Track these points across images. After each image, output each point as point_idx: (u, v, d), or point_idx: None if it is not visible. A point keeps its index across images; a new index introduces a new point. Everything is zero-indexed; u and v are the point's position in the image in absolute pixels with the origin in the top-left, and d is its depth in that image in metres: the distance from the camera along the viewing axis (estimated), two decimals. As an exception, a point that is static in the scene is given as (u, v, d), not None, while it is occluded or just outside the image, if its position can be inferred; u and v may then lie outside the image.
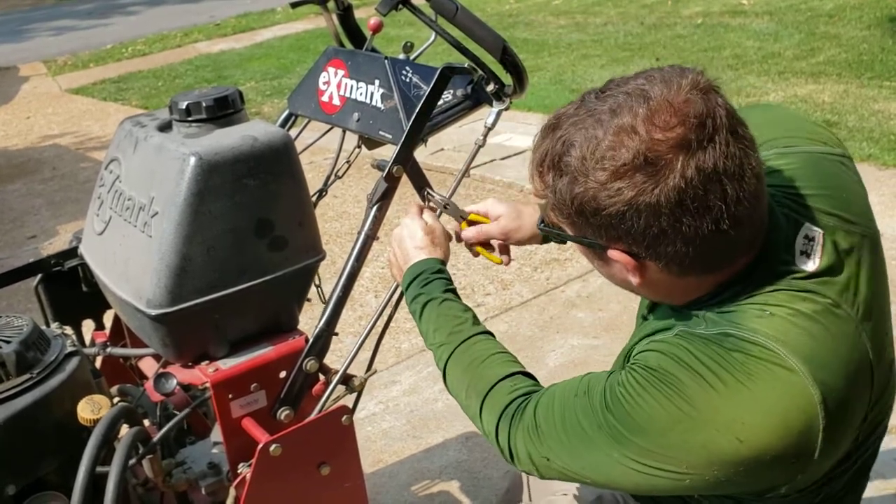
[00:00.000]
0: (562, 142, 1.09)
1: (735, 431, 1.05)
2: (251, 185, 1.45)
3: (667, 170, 1.02)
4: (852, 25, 7.61)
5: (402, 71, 1.65)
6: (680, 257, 1.08)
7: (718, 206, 1.04)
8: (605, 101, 1.08)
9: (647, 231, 1.06)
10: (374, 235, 1.58)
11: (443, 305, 1.42)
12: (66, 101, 8.73)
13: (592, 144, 1.06)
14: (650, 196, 1.03)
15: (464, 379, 1.35)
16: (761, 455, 1.06)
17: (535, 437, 1.22)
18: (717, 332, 1.10)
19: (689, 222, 1.04)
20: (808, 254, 1.14)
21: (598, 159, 1.05)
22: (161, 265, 1.42)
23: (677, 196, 1.02)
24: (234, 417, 1.49)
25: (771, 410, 1.06)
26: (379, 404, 3.03)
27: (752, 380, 1.06)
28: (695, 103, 1.04)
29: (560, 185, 1.09)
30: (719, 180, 1.03)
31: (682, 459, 1.08)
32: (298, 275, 1.54)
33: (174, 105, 1.54)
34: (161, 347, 1.51)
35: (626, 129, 1.04)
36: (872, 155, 4.73)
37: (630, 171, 1.03)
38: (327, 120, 1.79)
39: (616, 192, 1.04)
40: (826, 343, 1.10)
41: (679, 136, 1.02)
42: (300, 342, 1.54)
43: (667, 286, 1.16)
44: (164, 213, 1.42)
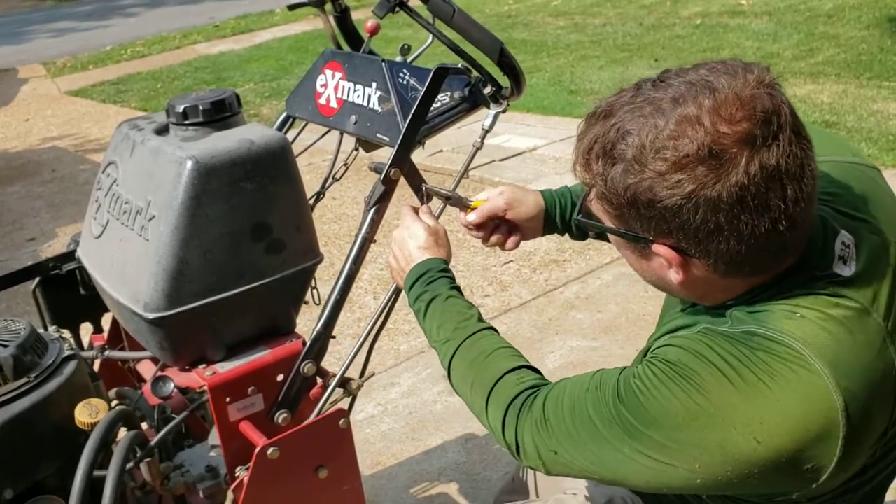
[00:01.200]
0: (616, 129, 1.06)
1: (753, 432, 1.03)
2: (248, 189, 1.45)
3: (731, 164, 1.00)
4: (851, 26, 7.61)
5: (400, 73, 1.65)
6: (730, 256, 1.06)
7: (778, 206, 1.02)
8: (665, 90, 1.05)
9: (702, 226, 1.03)
10: (371, 238, 1.58)
11: (447, 302, 1.41)
12: (65, 103, 8.73)
13: (653, 133, 1.03)
14: (711, 190, 1.00)
15: (469, 374, 1.33)
16: (777, 459, 1.04)
17: (543, 431, 1.19)
18: (743, 331, 1.08)
19: (746, 220, 1.02)
20: (845, 259, 1.13)
21: (657, 149, 1.02)
22: (158, 269, 1.42)
23: (739, 192, 1.00)
24: (231, 421, 1.48)
25: (792, 413, 1.03)
26: (378, 406, 3.03)
27: (774, 380, 1.04)
28: (762, 98, 1.01)
29: (612, 174, 1.06)
30: (780, 179, 1.01)
31: (697, 457, 1.06)
32: (296, 278, 1.54)
33: (171, 108, 1.53)
34: (158, 351, 1.51)
35: (691, 119, 1.01)
36: (871, 155, 4.73)
37: (693, 162, 1.01)
38: (325, 122, 1.79)
39: (676, 183, 1.02)
40: (853, 351, 1.08)
41: (745, 131, 1.00)
42: (297, 345, 1.54)
43: (706, 286, 1.13)
44: (162, 217, 1.42)
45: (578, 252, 4.05)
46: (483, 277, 3.91)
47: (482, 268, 3.98)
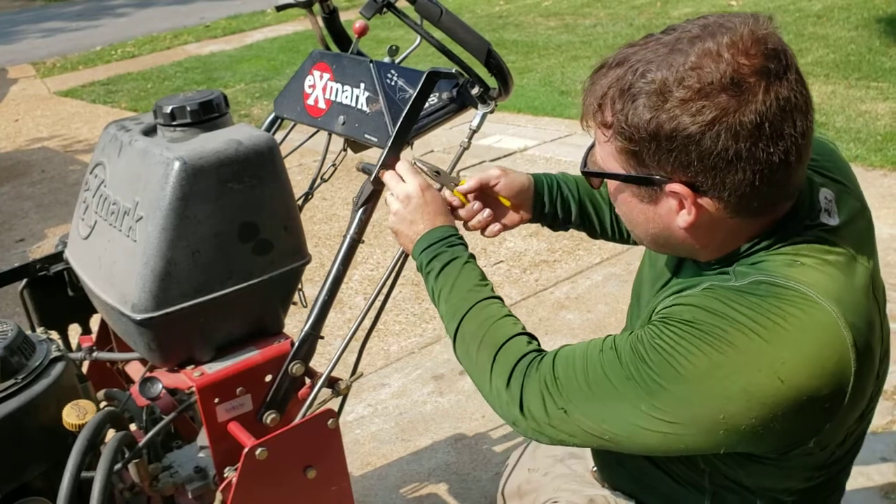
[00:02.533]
0: (633, 70, 1.10)
1: (777, 371, 1.06)
2: (236, 189, 1.45)
3: (750, 94, 1.05)
4: (840, 26, 7.65)
5: (388, 74, 1.65)
6: (743, 188, 1.10)
7: (790, 136, 1.08)
8: (679, 34, 1.11)
9: (722, 154, 1.07)
10: (359, 238, 1.58)
11: (466, 266, 1.41)
12: (54, 104, 8.70)
13: (674, 67, 1.07)
14: (732, 117, 1.06)
15: (479, 332, 1.32)
16: (799, 396, 1.07)
17: (553, 388, 1.20)
18: (749, 283, 1.13)
19: (763, 147, 1.07)
20: (829, 212, 1.20)
21: (680, 79, 1.07)
22: (146, 270, 1.42)
23: (758, 119, 1.06)
24: (219, 421, 1.48)
25: (810, 351, 1.08)
26: (367, 407, 3.03)
27: (788, 322, 1.08)
28: (773, 37, 1.09)
29: (633, 110, 1.10)
30: (791, 111, 1.07)
31: (721, 407, 1.08)
32: (284, 278, 1.54)
33: (159, 109, 1.53)
34: (147, 352, 1.51)
35: (711, 52, 1.06)
36: (860, 156, 4.76)
37: (716, 90, 1.05)
38: (313, 123, 1.79)
39: (699, 110, 1.06)
40: (851, 291, 1.14)
41: (761, 64, 1.06)
42: (286, 346, 1.54)
43: (711, 231, 1.17)
44: (149, 218, 1.42)
45: (568, 252, 4.06)
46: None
47: (472, 268, 3.98)
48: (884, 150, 4.78)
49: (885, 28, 7.30)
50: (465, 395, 3.03)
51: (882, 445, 2.55)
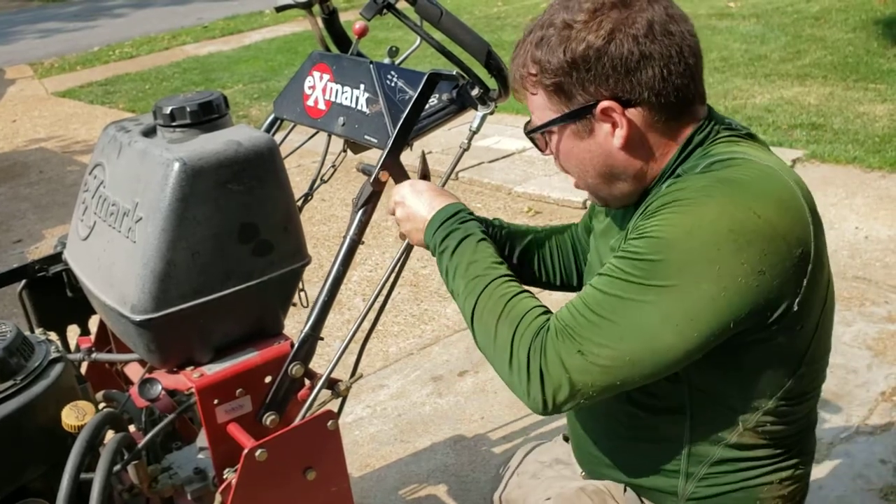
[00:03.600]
0: (541, 26, 1.31)
1: (751, 207, 1.19)
2: (236, 190, 1.45)
3: (636, 5, 1.27)
4: (838, 28, 7.66)
5: (388, 75, 1.65)
6: (656, 83, 1.27)
7: (679, 33, 1.27)
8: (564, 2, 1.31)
9: (628, 57, 1.25)
10: (359, 239, 1.58)
11: (481, 244, 1.42)
12: (52, 104, 8.69)
13: (571, 7, 1.28)
14: (629, 27, 1.25)
15: (498, 307, 1.33)
16: (775, 232, 1.19)
17: (564, 337, 1.24)
18: (703, 166, 1.27)
19: (660, 43, 1.26)
20: (738, 125, 1.38)
21: (576, 11, 1.27)
22: (145, 271, 1.41)
23: (648, 24, 1.25)
24: (219, 423, 1.48)
25: (772, 192, 1.22)
26: (366, 408, 3.03)
27: (747, 174, 1.23)
28: None
29: (549, 52, 1.28)
30: (673, 17, 1.28)
31: (714, 258, 1.17)
32: (283, 279, 1.54)
33: (158, 110, 1.53)
34: (146, 353, 1.50)
35: None
36: (858, 157, 4.76)
37: (607, 8, 1.26)
38: (312, 124, 1.79)
39: (599, 25, 1.25)
40: (781, 163, 1.31)
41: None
42: (285, 347, 1.54)
43: (644, 143, 1.32)
44: (149, 219, 1.42)
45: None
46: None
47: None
48: (882, 152, 4.79)
49: (883, 30, 7.31)
50: (463, 397, 3.03)
51: (880, 447, 2.56)
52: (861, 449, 2.55)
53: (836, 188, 4.45)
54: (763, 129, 5.35)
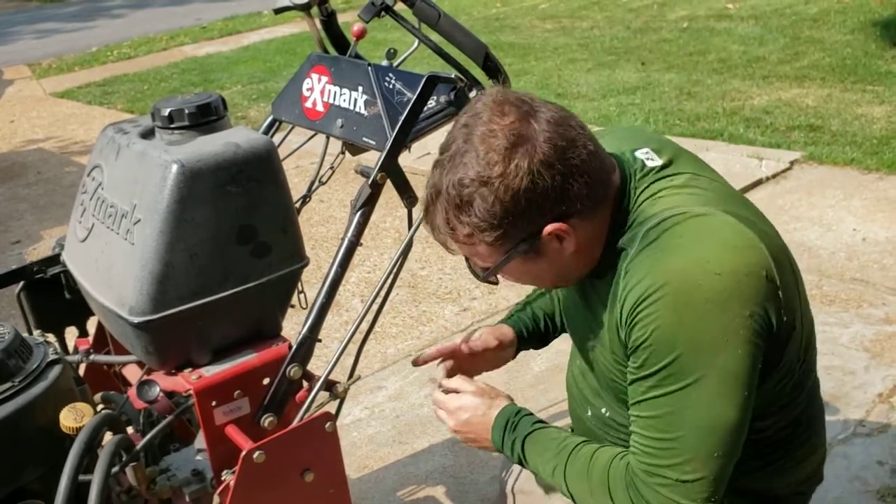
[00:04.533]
0: (449, 191, 1.29)
1: (707, 269, 1.23)
2: (234, 192, 1.45)
3: (530, 134, 1.26)
4: (836, 30, 7.66)
5: (386, 77, 1.65)
6: (582, 189, 1.29)
7: (578, 134, 1.29)
8: (454, 147, 1.30)
9: (554, 184, 1.26)
10: (357, 241, 1.58)
11: (537, 435, 1.46)
12: (50, 105, 8.68)
13: (472, 163, 1.27)
14: (540, 156, 1.25)
15: (584, 485, 1.40)
16: (738, 275, 1.23)
17: (655, 476, 1.29)
18: (640, 244, 1.30)
19: (571, 156, 1.27)
20: (650, 158, 1.41)
21: (485, 165, 1.26)
22: (143, 272, 1.42)
23: (551, 145, 1.26)
24: (217, 424, 1.48)
25: (712, 242, 1.26)
26: (365, 410, 3.03)
27: (685, 236, 1.27)
28: (503, 96, 1.31)
29: (476, 210, 1.28)
30: (563, 123, 1.29)
31: (711, 331, 1.23)
32: (282, 281, 1.54)
33: (156, 112, 1.53)
34: (144, 355, 1.50)
35: (485, 136, 1.27)
36: (855, 159, 4.77)
37: (511, 149, 1.25)
38: (311, 126, 1.79)
39: (515, 168, 1.25)
40: (708, 195, 1.35)
41: (518, 114, 1.27)
42: (283, 349, 1.54)
43: (590, 239, 1.36)
44: (147, 221, 1.42)
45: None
46: (471, 280, 3.90)
47: (469, 270, 3.98)
48: (879, 154, 4.79)
49: (881, 32, 7.31)
50: (461, 398, 3.03)
51: (878, 448, 2.56)
52: (858, 450, 2.55)
53: (833, 190, 4.46)
54: (761, 131, 5.35)
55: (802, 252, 3.83)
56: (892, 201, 4.25)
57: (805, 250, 3.85)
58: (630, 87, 6.65)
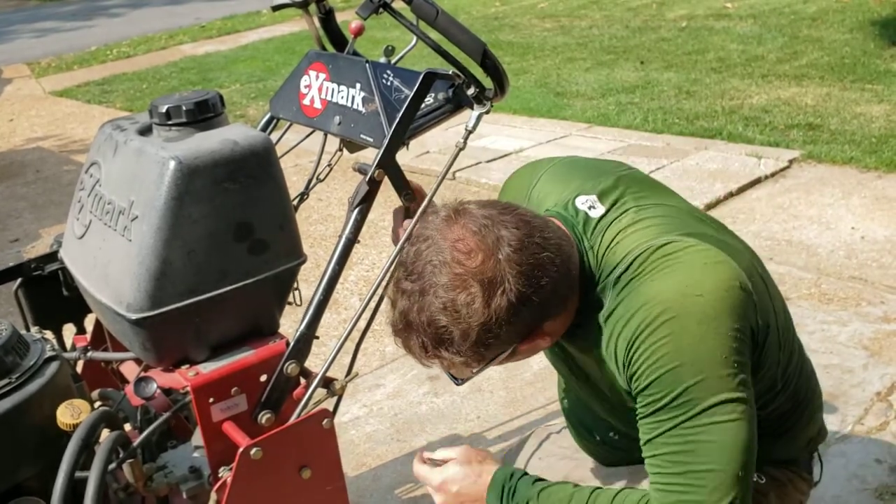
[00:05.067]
0: (425, 325, 1.28)
1: (687, 293, 1.25)
2: (231, 189, 1.45)
3: (501, 274, 1.24)
4: (835, 29, 7.66)
5: (384, 74, 1.65)
6: (558, 300, 1.32)
7: (544, 251, 1.28)
8: (421, 290, 1.28)
9: (531, 308, 1.27)
10: (355, 238, 1.58)
11: (544, 495, 1.41)
12: (49, 104, 8.68)
13: (448, 308, 1.25)
14: (512, 293, 1.25)
15: None
16: (717, 293, 1.26)
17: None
18: (616, 291, 1.32)
19: (543, 278, 1.27)
20: (593, 206, 1.42)
21: (461, 314, 1.25)
22: (141, 269, 1.42)
23: (523, 279, 1.25)
24: (214, 421, 1.48)
25: (686, 267, 1.28)
26: (363, 408, 3.03)
27: (656, 269, 1.29)
28: (461, 226, 1.28)
29: (456, 346, 1.28)
30: (528, 244, 1.27)
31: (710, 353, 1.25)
32: (279, 278, 1.54)
33: (154, 109, 1.53)
34: (141, 351, 1.50)
35: (455, 282, 1.25)
36: (854, 158, 4.77)
37: (486, 297, 1.24)
38: (308, 123, 1.79)
39: (493, 311, 1.25)
40: (659, 222, 1.37)
41: (484, 252, 1.25)
42: (281, 346, 1.54)
43: (565, 320, 1.38)
44: (144, 217, 1.42)
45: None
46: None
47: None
48: (878, 152, 4.79)
49: (880, 31, 7.31)
50: (460, 396, 3.03)
51: (876, 447, 2.56)
52: (856, 449, 2.55)
53: (832, 188, 4.46)
54: (760, 130, 5.35)
55: (801, 251, 3.83)
56: (891, 200, 4.25)
57: (804, 249, 3.85)
58: (629, 86, 6.66)
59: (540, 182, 1.57)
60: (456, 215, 1.31)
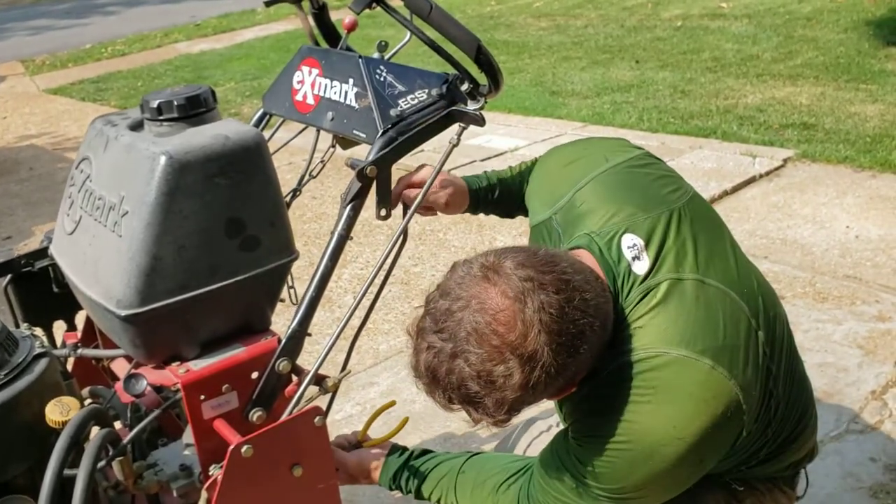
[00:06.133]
0: (458, 388, 1.23)
1: (674, 435, 1.25)
2: (222, 185, 1.44)
3: (538, 349, 1.19)
4: (829, 29, 7.66)
5: (377, 70, 1.64)
6: (593, 360, 1.28)
7: (582, 314, 1.22)
8: (451, 354, 1.23)
9: (568, 374, 1.25)
10: (347, 234, 1.57)
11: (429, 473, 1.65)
12: (43, 101, 8.65)
13: (483, 381, 1.21)
14: (551, 366, 1.20)
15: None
16: (704, 431, 1.26)
17: None
18: (614, 380, 1.29)
19: (581, 346, 1.23)
20: (638, 257, 1.35)
21: (497, 389, 1.21)
22: (131, 265, 1.40)
23: (562, 350, 1.20)
24: (205, 419, 1.47)
25: (684, 400, 1.26)
26: (356, 406, 3.01)
27: (657, 390, 1.27)
28: (502, 292, 1.21)
29: (488, 408, 1.24)
30: (566, 312, 1.21)
31: (659, 482, 1.30)
32: (270, 275, 1.53)
33: (145, 104, 1.52)
34: (131, 348, 1.49)
35: (492, 355, 1.19)
36: (849, 157, 4.77)
37: (523, 374, 1.19)
38: (301, 119, 1.78)
39: (532, 386, 1.21)
40: (686, 315, 1.30)
41: (523, 325, 1.18)
42: (273, 343, 1.52)
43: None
44: (135, 213, 1.41)
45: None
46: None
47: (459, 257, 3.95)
48: (872, 152, 4.79)
49: (874, 31, 7.31)
50: (453, 395, 3.02)
51: (871, 445, 2.56)
52: (851, 447, 2.55)
53: (826, 188, 4.45)
54: (755, 129, 5.35)
55: (795, 250, 3.83)
56: (885, 199, 4.25)
57: (798, 248, 3.84)
58: (624, 86, 6.65)
59: (588, 187, 1.49)
60: (491, 275, 1.23)
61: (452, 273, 1.30)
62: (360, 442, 1.82)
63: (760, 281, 1.46)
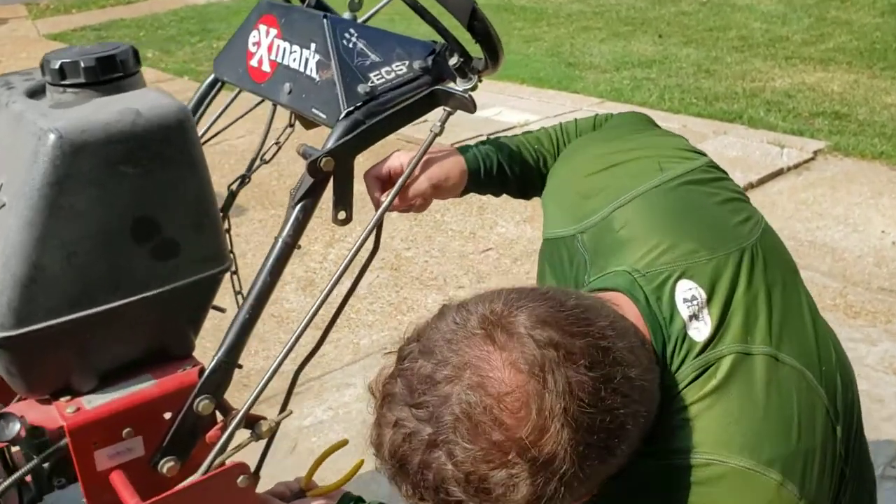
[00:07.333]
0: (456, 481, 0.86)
1: None
2: (129, 174, 1.12)
3: (558, 451, 0.84)
4: (865, 11, 7.33)
5: (345, 34, 1.30)
6: (630, 451, 0.93)
7: (614, 394, 0.87)
8: (425, 416, 0.88)
9: (600, 472, 0.90)
10: (294, 242, 1.23)
11: None
12: (42, 47, 8.31)
13: (471, 477, 0.85)
14: (576, 462, 0.85)
15: None
16: None
17: None
18: (649, 477, 0.97)
19: (618, 439, 0.89)
20: (696, 315, 1.02)
21: (496, 486, 0.85)
22: (5, 275, 1.09)
23: (587, 430, 0.85)
24: (99, 471, 1.16)
25: None
26: (328, 410, 2.70)
27: None
28: (511, 361, 0.85)
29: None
30: (608, 381, 0.87)
31: None
32: (194, 289, 1.21)
33: (46, 64, 1.20)
34: (7, 376, 1.18)
35: (496, 449, 0.84)
36: (885, 153, 4.43)
37: (535, 471, 0.84)
38: (255, 89, 1.44)
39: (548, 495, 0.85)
40: (754, 408, 0.98)
41: (539, 416, 0.83)
42: (192, 375, 1.21)
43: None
44: (12, 207, 1.09)
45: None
46: (458, 266, 3.58)
47: (458, 254, 3.64)
48: (912, 149, 4.45)
49: (914, 16, 6.96)
50: (439, 401, 2.72)
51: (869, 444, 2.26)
52: (889, 497, 2.23)
53: (860, 186, 4.12)
54: (783, 116, 5.02)
55: (825, 254, 3.50)
56: (925, 202, 3.91)
57: (828, 252, 3.51)
58: (646, 61, 6.33)
59: (633, 205, 1.13)
60: (498, 334, 0.87)
61: (440, 321, 0.93)
62: (303, 490, 1.50)
63: (839, 351, 1.13)
